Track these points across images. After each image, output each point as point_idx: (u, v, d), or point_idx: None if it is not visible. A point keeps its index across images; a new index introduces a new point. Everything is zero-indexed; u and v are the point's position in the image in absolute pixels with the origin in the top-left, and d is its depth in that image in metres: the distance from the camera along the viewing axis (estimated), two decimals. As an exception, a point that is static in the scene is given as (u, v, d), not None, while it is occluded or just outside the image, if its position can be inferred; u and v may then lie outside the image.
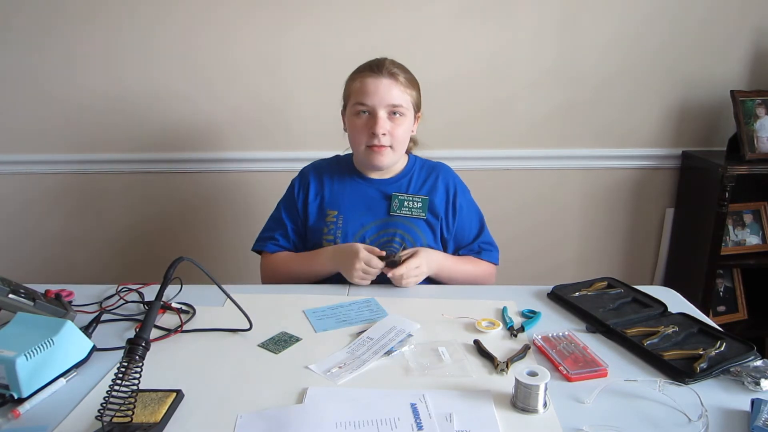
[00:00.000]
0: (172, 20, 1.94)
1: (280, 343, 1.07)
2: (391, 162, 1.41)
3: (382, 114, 1.34)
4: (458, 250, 1.47)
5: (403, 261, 1.28)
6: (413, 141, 1.54)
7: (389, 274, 1.28)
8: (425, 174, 1.47)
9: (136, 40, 1.96)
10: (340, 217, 1.42)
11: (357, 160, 1.46)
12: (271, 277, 1.45)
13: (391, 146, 1.37)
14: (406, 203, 1.41)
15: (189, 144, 2.07)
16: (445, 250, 1.46)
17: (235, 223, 2.15)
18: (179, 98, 2.02)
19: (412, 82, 1.40)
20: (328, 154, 1.55)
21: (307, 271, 1.40)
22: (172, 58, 1.98)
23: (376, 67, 1.36)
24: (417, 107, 1.43)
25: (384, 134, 1.34)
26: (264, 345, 1.06)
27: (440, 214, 1.44)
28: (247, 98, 2.02)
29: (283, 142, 2.06)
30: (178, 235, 2.18)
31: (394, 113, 1.35)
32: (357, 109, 1.36)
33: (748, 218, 2.13)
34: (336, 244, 1.40)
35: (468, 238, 1.47)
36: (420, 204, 1.41)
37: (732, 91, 1.94)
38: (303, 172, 1.51)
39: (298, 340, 1.08)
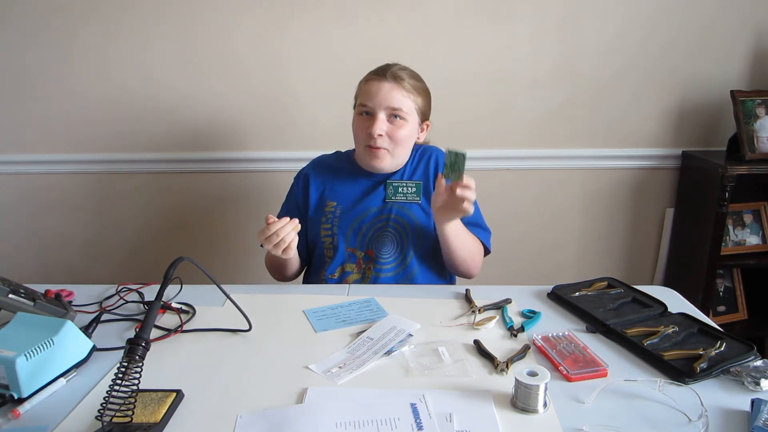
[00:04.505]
0: (173, 18, 1.94)
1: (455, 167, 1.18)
2: (389, 166, 1.42)
3: (381, 116, 1.36)
4: None
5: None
6: None
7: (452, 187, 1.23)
8: (418, 159, 1.48)
9: (135, 38, 1.96)
10: (338, 207, 1.45)
11: (357, 158, 1.48)
12: (269, 268, 1.49)
13: (388, 150, 1.38)
14: (400, 189, 1.42)
15: (189, 144, 2.07)
16: None
17: (236, 223, 2.15)
18: (179, 98, 2.01)
19: (419, 90, 1.40)
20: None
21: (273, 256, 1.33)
22: (173, 56, 1.97)
23: (381, 71, 1.39)
24: (423, 115, 1.43)
25: (380, 135, 1.36)
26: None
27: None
28: (249, 97, 2.02)
29: (286, 142, 2.06)
30: (178, 235, 2.17)
31: (395, 116, 1.36)
32: (360, 110, 1.40)
33: (748, 218, 2.13)
34: (333, 232, 1.43)
35: None
36: (414, 189, 1.42)
37: (732, 91, 1.94)
38: (301, 173, 1.52)
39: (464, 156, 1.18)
